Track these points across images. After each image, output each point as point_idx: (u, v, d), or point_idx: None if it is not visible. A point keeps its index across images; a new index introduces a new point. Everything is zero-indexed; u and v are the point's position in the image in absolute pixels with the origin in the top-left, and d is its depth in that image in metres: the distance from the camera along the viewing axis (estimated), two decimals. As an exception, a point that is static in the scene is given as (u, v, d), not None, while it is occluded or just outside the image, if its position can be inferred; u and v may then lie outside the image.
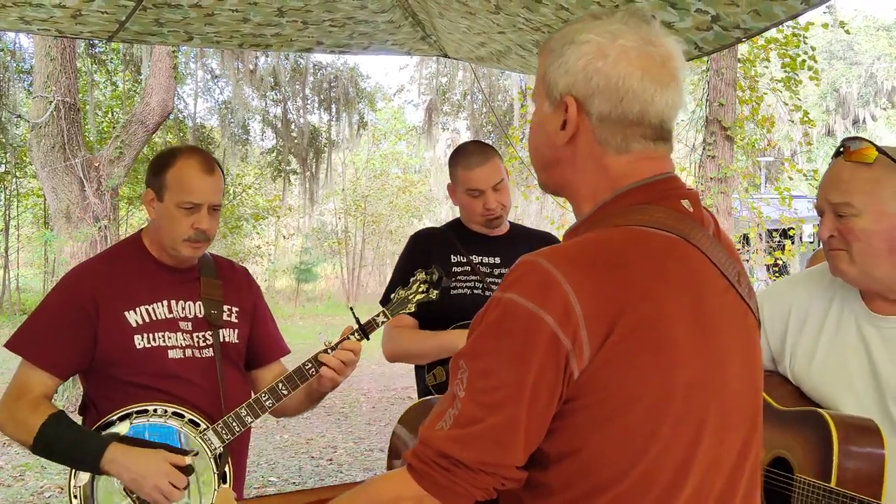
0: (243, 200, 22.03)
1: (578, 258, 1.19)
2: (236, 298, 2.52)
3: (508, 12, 2.87)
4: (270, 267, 24.47)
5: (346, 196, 24.27)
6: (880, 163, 1.73)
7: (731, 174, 9.47)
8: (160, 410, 2.28)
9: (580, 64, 1.26)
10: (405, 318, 2.87)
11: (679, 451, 1.18)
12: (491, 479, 1.17)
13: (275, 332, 2.67)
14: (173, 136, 17.83)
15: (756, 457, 1.32)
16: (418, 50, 4.00)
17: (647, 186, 1.27)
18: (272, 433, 8.05)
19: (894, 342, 1.81)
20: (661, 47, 1.27)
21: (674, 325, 1.18)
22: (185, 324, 2.40)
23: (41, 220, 18.01)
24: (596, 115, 1.26)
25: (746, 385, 1.29)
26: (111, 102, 16.50)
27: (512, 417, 1.14)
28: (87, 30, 3.38)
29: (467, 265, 2.96)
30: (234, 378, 2.45)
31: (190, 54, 15.75)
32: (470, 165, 2.90)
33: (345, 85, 18.68)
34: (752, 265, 11.11)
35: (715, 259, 1.27)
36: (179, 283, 2.43)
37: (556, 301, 1.13)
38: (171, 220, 2.33)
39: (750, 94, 9.96)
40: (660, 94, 1.25)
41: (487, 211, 2.92)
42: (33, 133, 10.21)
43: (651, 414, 1.16)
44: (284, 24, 3.40)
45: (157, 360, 2.32)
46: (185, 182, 2.32)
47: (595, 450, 1.17)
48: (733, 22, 2.37)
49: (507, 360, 1.15)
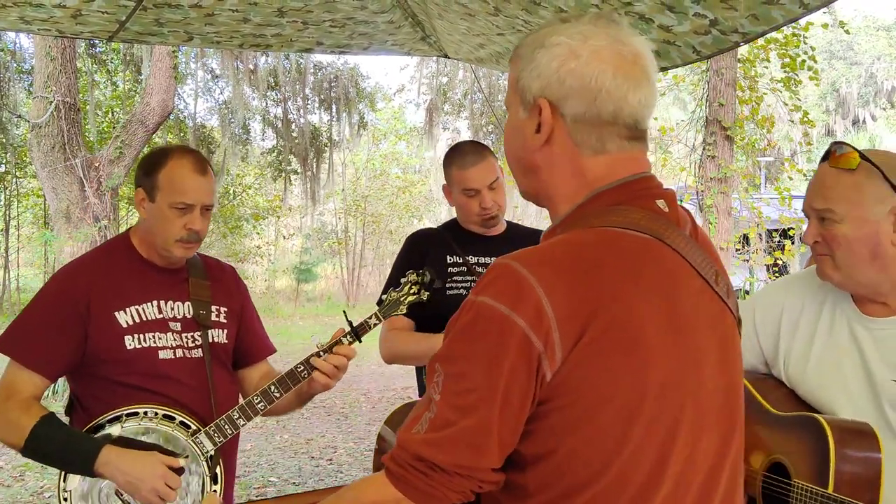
0: (243, 200, 22.04)
1: (551, 260, 1.19)
2: (225, 299, 2.52)
3: (507, 14, 2.88)
4: (270, 267, 24.47)
5: (346, 196, 24.25)
6: (863, 169, 1.73)
7: (731, 174, 9.48)
8: (150, 413, 2.26)
9: (553, 66, 1.26)
10: (401, 319, 2.88)
11: (653, 450, 1.18)
12: (467, 482, 1.18)
13: (261, 331, 2.67)
14: (174, 136, 17.83)
15: (737, 456, 1.32)
16: (418, 50, 4.01)
17: (623, 187, 1.27)
18: (272, 433, 8.05)
19: (886, 343, 1.81)
20: (632, 46, 1.27)
21: (646, 326, 1.18)
22: (175, 324, 2.39)
23: (41, 220, 18.03)
24: (570, 116, 1.26)
25: (723, 384, 1.29)
26: (111, 102, 16.51)
27: (485, 420, 1.15)
28: (88, 30, 3.38)
29: (463, 265, 2.97)
30: (223, 378, 2.45)
31: (190, 54, 15.76)
32: (465, 165, 2.89)
33: (345, 85, 18.69)
34: (752, 265, 11.12)
35: (690, 259, 1.27)
36: (169, 284, 2.42)
37: (529, 304, 1.14)
38: (164, 221, 2.32)
39: (750, 94, 9.97)
40: (633, 91, 1.25)
41: (483, 210, 2.91)
42: (33, 133, 10.23)
43: (623, 414, 1.16)
44: (285, 25, 3.40)
45: (147, 360, 2.31)
46: (178, 182, 2.31)
47: (570, 451, 1.17)
48: (731, 26, 2.38)
49: (479, 363, 1.16)
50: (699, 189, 9.56)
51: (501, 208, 2.96)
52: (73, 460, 2.19)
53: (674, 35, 2.59)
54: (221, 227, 20.88)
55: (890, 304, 1.82)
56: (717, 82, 9.44)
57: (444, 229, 3.13)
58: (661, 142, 11.86)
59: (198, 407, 2.34)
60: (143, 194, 2.35)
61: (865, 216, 1.73)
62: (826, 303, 1.93)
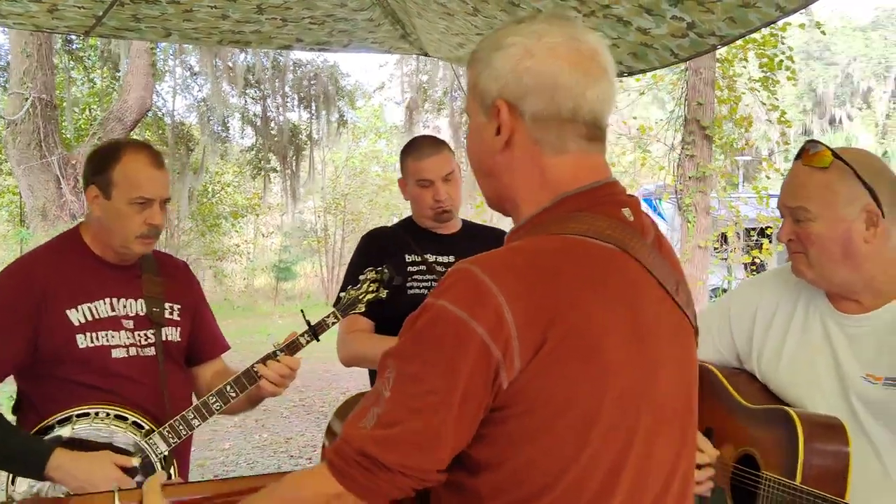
0: (222, 198, 21.91)
1: (512, 267, 1.18)
2: (178, 295, 2.47)
3: (486, 15, 2.88)
4: (249, 265, 24.35)
5: (325, 194, 24.17)
6: (835, 167, 1.75)
7: (710, 173, 9.54)
8: (102, 413, 2.21)
9: (508, 66, 1.25)
10: (360, 321, 2.83)
11: (609, 458, 1.18)
12: (410, 481, 1.18)
13: (215, 328, 2.63)
14: (152, 133, 17.70)
15: (687, 466, 1.33)
16: (398, 48, 4.00)
17: (587, 193, 1.27)
18: (251, 432, 8.02)
19: (857, 341, 1.83)
20: (588, 43, 1.26)
21: (606, 335, 1.18)
22: (128, 322, 2.34)
23: (17, 218, 17.79)
24: (529, 114, 1.25)
25: (679, 393, 1.30)
26: (88, 99, 16.36)
27: (436, 424, 1.14)
28: (64, 24, 3.36)
29: (423, 264, 2.92)
30: (176, 377, 2.41)
31: (168, 51, 15.66)
32: (421, 156, 2.86)
33: (324, 83, 18.63)
34: (731, 264, 11.20)
35: (653, 269, 1.27)
36: (121, 281, 2.36)
37: (489, 311, 1.13)
38: (122, 218, 2.26)
39: (728, 93, 10.04)
40: (591, 87, 1.24)
41: (437, 203, 2.87)
42: (9, 130, 10.12)
43: (581, 422, 1.16)
44: (263, 22, 3.39)
45: (100, 359, 2.26)
46: (136, 177, 2.25)
47: (526, 459, 1.17)
48: (709, 29, 2.39)
49: (436, 367, 1.15)
50: (678, 188, 9.61)
51: (455, 203, 2.92)
52: (23, 464, 2.13)
53: (651, 38, 2.60)
54: (200, 225, 20.75)
55: (863, 302, 1.84)
56: (695, 82, 9.49)
57: (400, 228, 3.08)
58: (640, 141, 11.92)
59: (151, 406, 2.30)
60: (97, 191, 2.28)
61: (838, 214, 1.75)
62: (800, 300, 1.95)
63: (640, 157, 12.12)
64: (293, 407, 9.25)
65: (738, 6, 2.20)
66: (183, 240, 20.68)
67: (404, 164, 2.94)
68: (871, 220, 1.74)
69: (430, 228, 2.97)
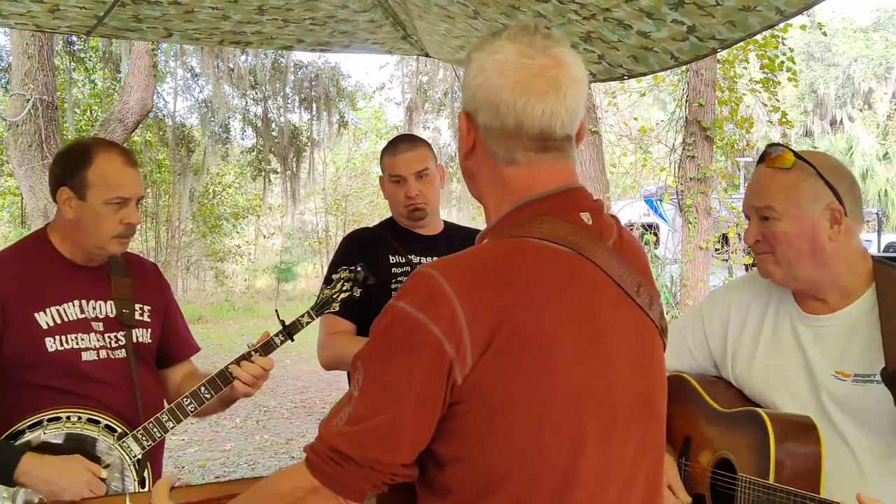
0: (223, 199, 21.93)
1: (467, 269, 1.26)
2: (148, 297, 2.45)
3: (486, 18, 2.88)
4: (250, 266, 24.37)
5: (326, 195, 24.20)
6: (798, 168, 1.80)
7: (711, 174, 9.53)
8: (74, 417, 2.19)
9: (468, 81, 1.35)
10: (341, 322, 2.79)
11: (563, 452, 1.24)
12: (378, 475, 1.25)
13: (184, 330, 2.61)
14: (153, 134, 17.72)
15: (654, 463, 1.38)
16: (399, 49, 4.00)
17: (547, 199, 1.33)
18: (252, 434, 8.03)
19: (825, 340, 1.87)
20: (541, 59, 1.30)
21: (558, 334, 1.24)
22: (98, 324, 2.31)
23: (18, 220, 17.83)
24: (482, 127, 1.33)
25: (640, 392, 1.35)
26: (90, 101, 16.37)
27: (396, 419, 1.22)
28: (65, 24, 3.36)
29: (407, 265, 2.87)
30: (148, 379, 2.39)
31: (170, 52, 15.66)
32: (395, 152, 2.86)
33: (325, 84, 18.64)
34: (732, 265, 11.20)
35: (609, 271, 1.32)
36: (90, 283, 2.33)
37: (443, 312, 1.20)
38: (98, 219, 2.23)
39: (729, 94, 10.03)
40: (534, 103, 1.28)
41: (408, 199, 2.84)
42: (10, 131, 10.11)
43: (531, 417, 1.23)
44: (265, 22, 3.39)
45: (70, 362, 2.23)
46: (112, 177, 2.23)
47: (482, 452, 1.24)
48: (709, 33, 2.39)
49: (394, 365, 1.23)
50: (679, 189, 9.61)
51: (429, 202, 2.88)
52: None
53: (652, 41, 2.60)
54: (201, 226, 20.76)
55: (829, 302, 1.88)
56: (696, 83, 9.49)
57: (382, 228, 3.03)
58: (641, 142, 11.92)
59: (125, 409, 2.27)
60: (70, 193, 2.24)
61: (803, 213, 1.80)
62: (771, 302, 1.99)
63: (641, 159, 12.12)
64: (294, 408, 9.26)
65: (738, 10, 2.20)
66: (184, 241, 20.71)
67: (382, 161, 2.95)
68: (835, 218, 1.79)
69: (411, 228, 2.94)
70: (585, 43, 2.83)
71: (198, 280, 22.17)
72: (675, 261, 10.27)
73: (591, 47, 2.86)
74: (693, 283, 9.29)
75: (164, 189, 19.50)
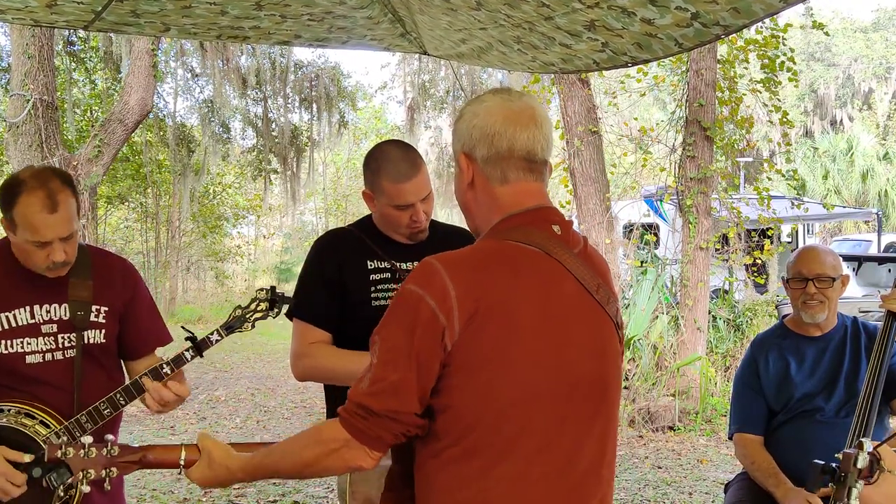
0: (223, 200, 21.94)
1: (458, 259, 1.63)
2: (108, 298, 2.54)
3: (490, 9, 2.87)
4: (251, 266, 24.38)
5: (326, 195, 24.21)
6: None
7: (711, 174, 9.49)
8: (13, 410, 2.34)
9: (464, 127, 1.73)
10: (315, 332, 2.59)
11: (519, 406, 1.57)
12: (397, 425, 1.57)
13: (150, 323, 2.67)
14: (153, 134, 17.71)
15: (606, 434, 1.70)
16: (397, 46, 3.99)
17: (526, 213, 1.70)
18: (253, 434, 8.04)
19: None
20: (519, 103, 1.71)
21: (519, 309, 1.59)
22: (49, 326, 2.44)
23: (18, 219, 17.81)
24: (480, 158, 1.71)
25: (594, 371, 1.67)
26: (90, 101, 16.37)
27: (405, 375, 1.55)
28: (63, 19, 3.34)
29: (388, 272, 2.62)
30: (95, 378, 2.49)
31: (170, 52, 15.66)
32: (399, 178, 2.51)
33: (326, 84, 18.64)
34: (732, 265, 11.17)
35: (572, 269, 1.67)
36: (46, 287, 2.44)
37: (437, 288, 1.56)
38: (27, 253, 2.36)
39: (729, 94, 9.99)
40: (521, 131, 1.68)
41: (414, 223, 2.57)
42: (10, 132, 10.10)
43: (496, 374, 1.56)
44: (263, 18, 3.37)
45: (13, 364, 2.39)
46: (30, 223, 2.30)
47: (461, 403, 1.57)
48: (713, 19, 2.39)
49: (400, 332, 1.57)
50: (679, 189, 9.58)
51: (429, 217, 2.63)
52: None
53: (655, 28, 2.59)
54: (201, 226, 20.77)
55: None
56: (696, 83, 9.45)
57: (358, 231, 2.70)
58: (641, 142, 11.89)
59: (65, 407, 2.41)
60: (6, 223, 2.37)
61: None
62: None
63: (641, 159, 12.09)
64: (294, 408, 9.26)
65: (741, -4, 2.19)
66: (184, 241, 20.72)
67: (376, 181, 2.56)
68: None
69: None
70: (589, 31, 2.82)
71: (198, 280, 22.17)
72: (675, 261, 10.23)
73: (595, 35, 2.85)
74: (693, 283, 9.25)
75: (164, 189, 19.51)
